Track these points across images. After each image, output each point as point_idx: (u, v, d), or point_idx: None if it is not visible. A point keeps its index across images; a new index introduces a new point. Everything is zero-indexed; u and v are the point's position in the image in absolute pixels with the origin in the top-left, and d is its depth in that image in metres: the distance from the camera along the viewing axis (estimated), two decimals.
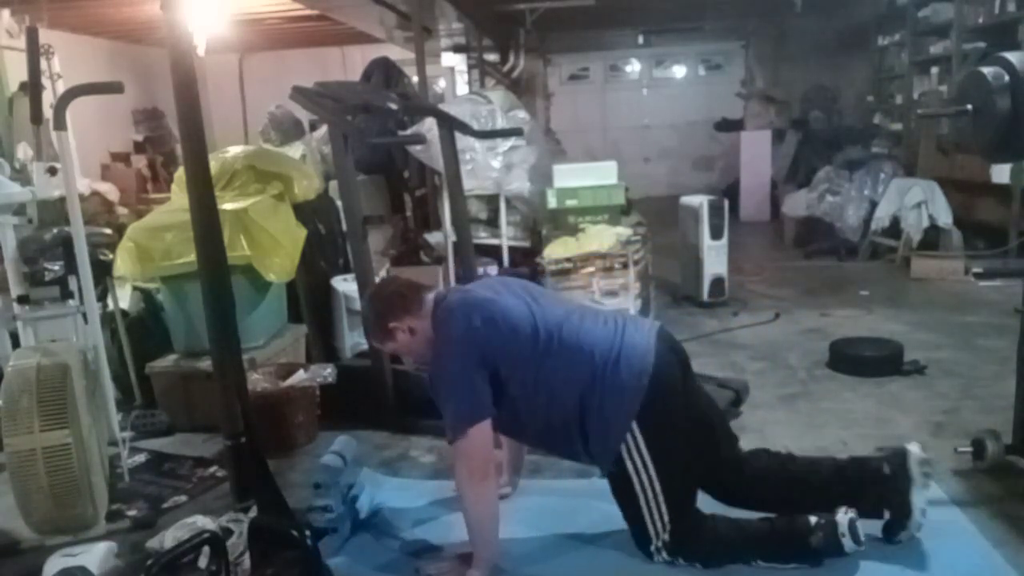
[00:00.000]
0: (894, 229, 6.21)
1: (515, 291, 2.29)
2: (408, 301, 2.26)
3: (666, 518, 2.16)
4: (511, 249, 5.53)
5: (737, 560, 2.18)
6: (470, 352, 2.12)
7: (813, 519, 2.13)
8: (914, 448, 2.21)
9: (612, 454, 2.16)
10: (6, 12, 6.97)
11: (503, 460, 2.61)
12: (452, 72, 9.84)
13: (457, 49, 9.55)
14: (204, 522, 2.36)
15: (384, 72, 6.20)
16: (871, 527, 2.17)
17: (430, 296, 2.27)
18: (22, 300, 3.05)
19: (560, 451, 2.40)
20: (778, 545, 2.17)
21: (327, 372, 3.33)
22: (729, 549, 2.19)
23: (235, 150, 4.10)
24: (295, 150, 6.01)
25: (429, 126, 4.65)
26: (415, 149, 5.37)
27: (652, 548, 2.19)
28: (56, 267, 3.07)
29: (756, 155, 9.09)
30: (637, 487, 2.16)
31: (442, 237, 5.37)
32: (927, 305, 4.97)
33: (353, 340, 4.07)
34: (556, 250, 4.69)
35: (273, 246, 3.56)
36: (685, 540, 2.17)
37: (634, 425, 2.13)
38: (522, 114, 5.98)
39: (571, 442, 2.22)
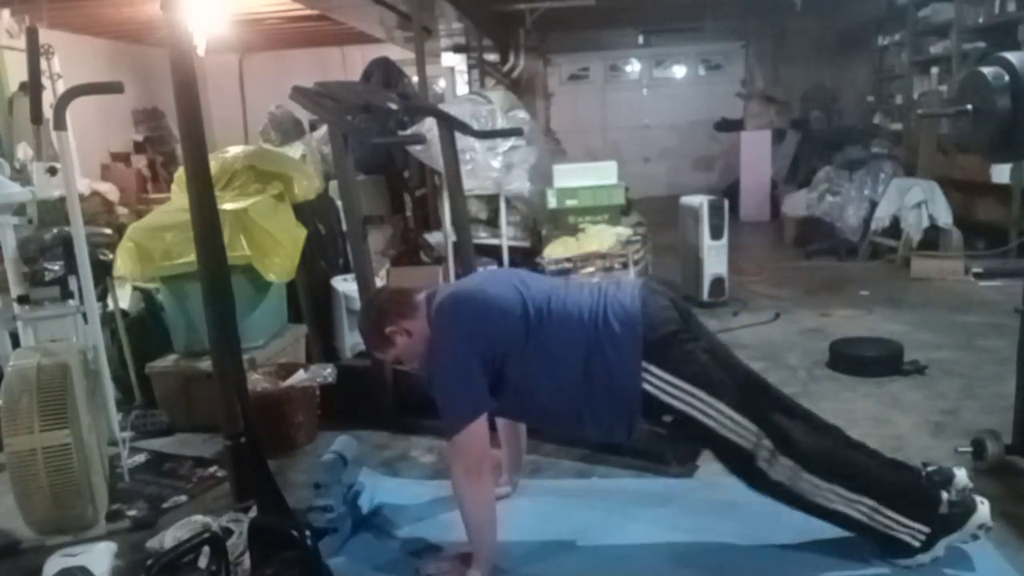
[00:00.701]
0: (894, 229, 6.21)
1: (503, 278, 2.32)
2: (400, 305, 2.27)
3: (753, 427, 2.07)
4: (511, 249, 5.52)
5: (857, 480, 2.08)
6: (465, 345, 2.12)
7: (944, 493, 2.09)
8: (983, 508, 2.11)
9: (629, 411, 2.12)
10: (6, 12, 6.97)
11: (502, 460, 2.61)
12: (452, 72, 9.85)
13: (457, 49, 9.56)
14: (204, 522, 2.36)
15: (384, 72, 6.20)
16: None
17: (421, 297, 2.28)
18: (22, 300, 3.05)
19: (573, 425, 2.31)
20: (899, 486, 2.11)
21: (327, 372, 3.33)
22: (847, 462, 2.11)
23: (235, 150, 4.10)
24: (295, 150, 6.01)
25: (429, 126, 4.65)
26: (415, 149, 5.37)
27: (760, 463, 2.08)
28: (56, 267, 3.07)
29: (756, 155, 9.09)
30: (700, 417, 2.09)
31: (442, 237, 5.37)
32: (927, 305, 4.97)
33: (353, 340, 4.07)
34: (556, 250, 4.70)
35: (273, 246, 3.56)
36: (791, 439, 2.08)
37: (650, 367, 2.08)
38: (522, 114, 5.97)
39: (580, 413, 2.17)
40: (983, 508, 2.10)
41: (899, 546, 2.11)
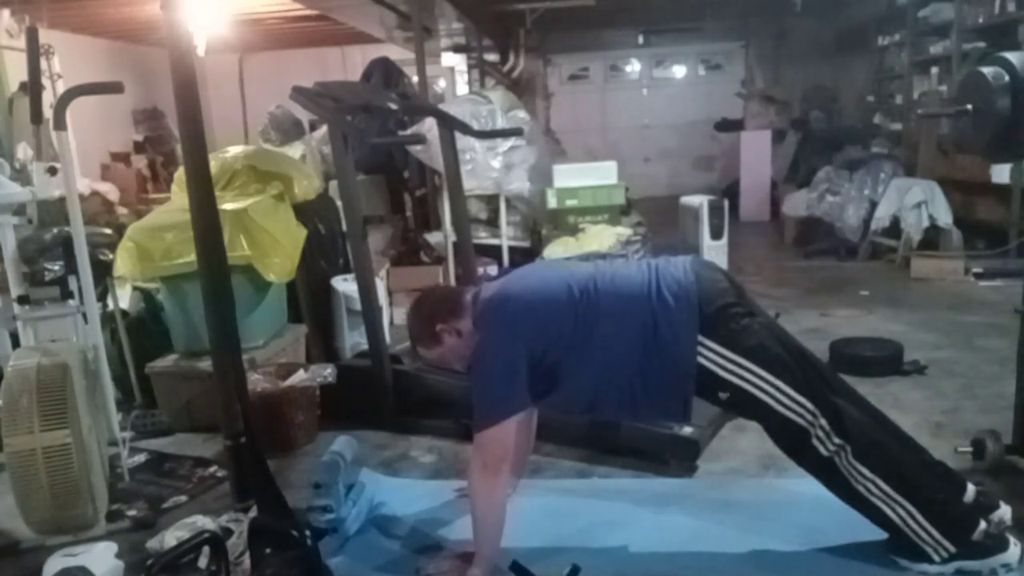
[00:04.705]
0: (894, 229, 6.21)
1: (543, 268, 2.44)
2: (453, 304, 2.26)
3: (809, 405, 2.06)
4: (511, 249, 5.53)
5: (903, 479, 2.05)
6: (513, 342, 2.12)
7: (983, 522, 2.06)
8: (1014, 551, 2.07)
9: (684, 389, 2.10)
10: (6, 12, 6.97)
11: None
12: (452, 72, 9.84)
13: (457, 49, 9.55)
14: (204, 522, 2.37)
15: (384, 72, 6.21)
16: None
17: (468, 297, 2.28)
18: (22, 300, 3.05)
19: (626, 409, 2.28)
20: (943, 499, 2.08)
21: (327, 372, 3.32)
22: (896, 458, 2.08)
23: (235, 150, 4.09)
24: (295, 150, 6.01)
25: (429, 126, 4.65)
26: (415, 149, 5.38)
27: (814, 441, 2.06)
28: (56, 267, 3.07)
29: (756, 155, 9.10)
30: (758, 393, 2.07)
31: (442, 237, 5.38)
32: (927, 305, 4.97)
33: (353, 340, 4.07)
34: (556, 250, 4.70)
35: (273, 246, 3.56)
36: (846, 422, 2.05)
37: (706, 341, 2.06)
38: (522, 114, 5.98)
39: (635, 394, 2.14)
40: (1014, 550, 2.06)
41: (916, 552, 2.08)
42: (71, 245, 2.95)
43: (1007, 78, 2.28)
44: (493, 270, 5.14)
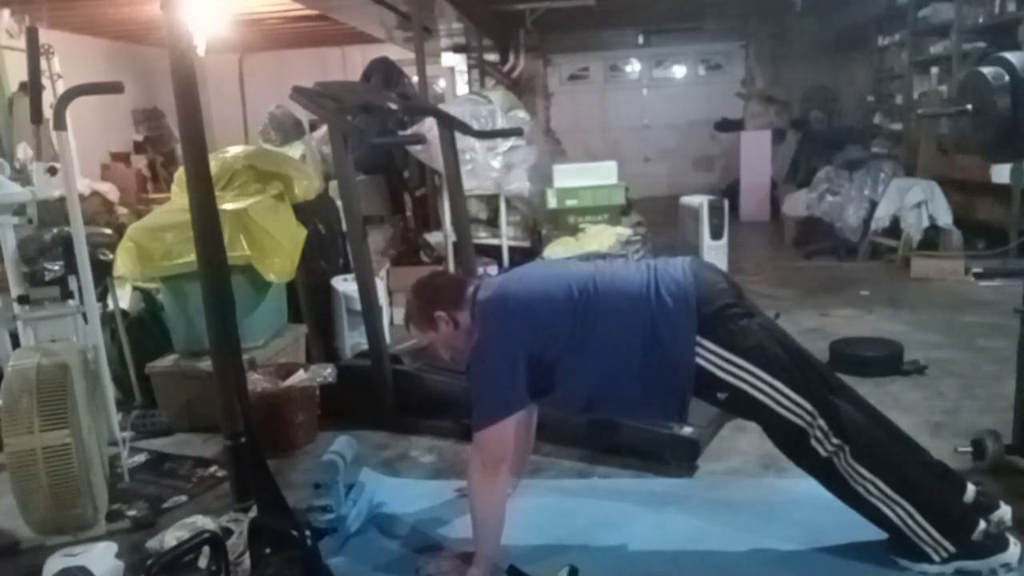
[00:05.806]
0: (894, 229, 6.21)
1: (540, 268, 2.46)
2: (455, 293, 2.27)
3: (808, 406, 2.06)
4: (511, 249, 5.53)
5: (902, 480, 2.06)
6: (511, 341, 2.12)
7: (983, 522, 2.06)
8: (1014, 551, 2.07)
9: (683, 389, 2.10)
10: (6, 12, 6.97)
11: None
12: (452, 72, 9.85)
13: (457, 49, 9.56)
14: (204, 522, 2.37)
15: (384, 72, 6.21)
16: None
17: (470, 290, 2.29)
18: (22, 300, 3.05)
19: (624, 408, 2.32)
20: (942, 500, 2.08)
21: (327, 372, 3.32)
22: (895, 458, 2.08)
23: (235, 150, 4.10)
24: (295, 150, 6.01)
25: (429, 126, 4.65)
26: (415, 149, 5.38)
27: (812, 442, 2.06)
28: (56, 267, 3.06)
29: (756, 155, 9.10)
30: (756, 394, 2.07)
31: (442, 237, 5.38)
32: (927, 305, 4.97)
33: (353, 340, 4.07)
34: (556, 250, 4.70)
35: (273, 246, 3.56)
36: (844, 422, 2.05)
37: (704, 341, 2.06)
38: (522, 114, 5.99)
39: (633, 394, 2.15)
40: (1014, 550, 2.06)
41: (916, 552, 2.08)
42: (71, 245, 2.95)
43: (1007, 78, 2.28)
44: (493, 270, 5.14)
